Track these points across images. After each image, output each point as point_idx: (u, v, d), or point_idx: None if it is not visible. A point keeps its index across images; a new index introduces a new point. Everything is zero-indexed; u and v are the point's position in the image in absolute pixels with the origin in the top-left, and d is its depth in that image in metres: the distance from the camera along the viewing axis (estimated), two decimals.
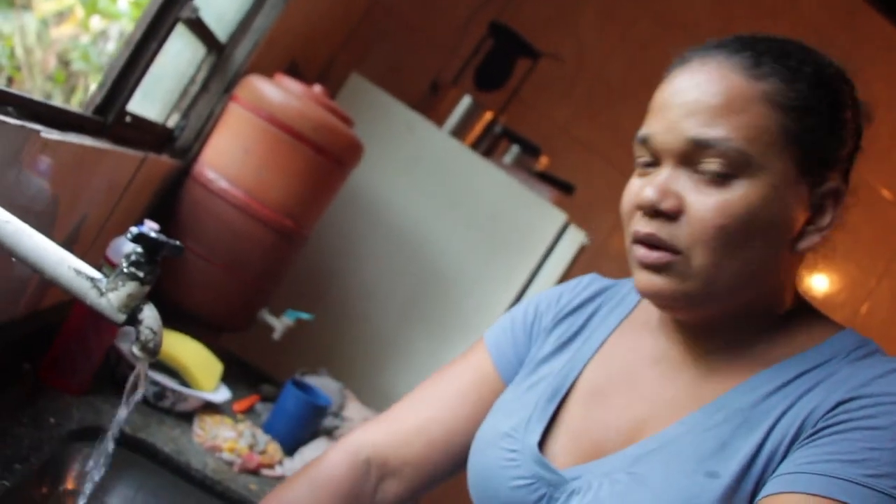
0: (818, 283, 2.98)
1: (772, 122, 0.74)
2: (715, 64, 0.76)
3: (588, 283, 0.99)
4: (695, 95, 0.75)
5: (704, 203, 0.74)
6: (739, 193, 0.73)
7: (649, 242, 0.76)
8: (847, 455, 0.67)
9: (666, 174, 0.76)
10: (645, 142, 0.79)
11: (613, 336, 0.91)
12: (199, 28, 1.44)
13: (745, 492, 0.71)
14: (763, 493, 0.70)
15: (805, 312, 0.83)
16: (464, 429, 0.95)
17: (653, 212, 0.76)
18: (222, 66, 1.64)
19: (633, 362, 0.87)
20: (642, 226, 0.77)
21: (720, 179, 0.74)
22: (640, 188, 0.78)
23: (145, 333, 0.77)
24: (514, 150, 2.33)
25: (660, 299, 0.79)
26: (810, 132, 0.75)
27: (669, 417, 0.79)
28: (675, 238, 0.75)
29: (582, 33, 2.83)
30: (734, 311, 0.80)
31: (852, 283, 3.00)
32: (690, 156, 0.75)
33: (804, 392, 0.74)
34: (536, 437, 0.84)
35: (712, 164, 0.74)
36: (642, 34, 2.83)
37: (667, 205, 0.75)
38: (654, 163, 0.79)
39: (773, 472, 0.71)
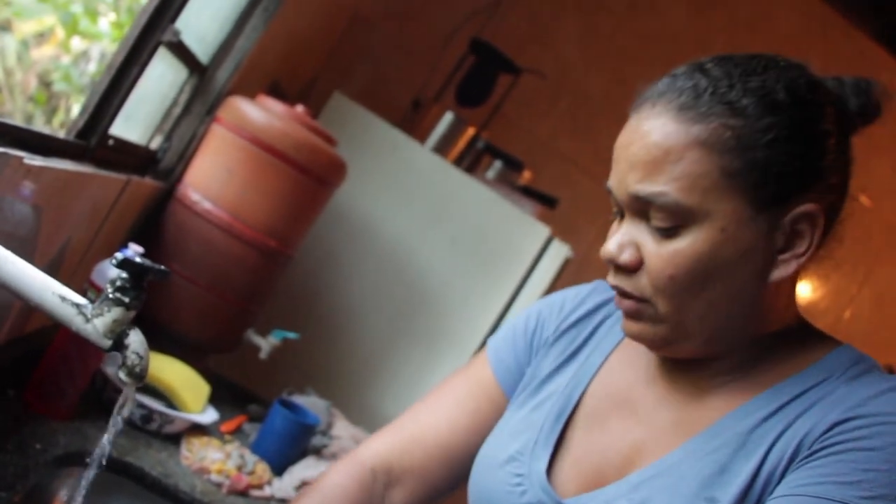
0: (801, 289, 3.01)
1: (710, 167, 0.72)
2: (657, 111, 0.76)
3: (591, 291, 0.98)
4: (635, 149, 0.75)
5: (657, 254, 0.75)
6: (687, 243, 0.74)
7: (620, 293, 0.79)
8: (841, 476, 0.67)
9: (626, 226, 0.78)
10: (609, 193, 0.80)
11: (616, 352, 0.91)
12: (180, 51, 1.45)
13: None
14: None
15: (802, 331, 0.82)
16: (461, 438, 0.95)
17: (615, 266, 0.78)
18: (204, 88, 1.65)
19: (632, 382, 0.87)
20: (611, 277, 0.80)
21: (668, 231, 0.74)
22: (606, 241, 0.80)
23: (132, 358, 0.77)
24: (497, 165, 2.34)
25: (642, 343, 0.81)
26: (759, 165, 0.72)
27: (668, 443, 0.79)
28: (639, 288, 0.77)
29: (562, 48, 2.86)
30: (723, 343, 0.79)
31: (835, 289, 3.03)
32: (639, 209, 0.76)
33: (800, 413, 0.74)
34: (544, 463, 0.84)
35: (656, 219, 0.75)
36: (622, 48, 2.86)
37: (624, 259, 0.77)
38: (622, 212, 0.80)
39: (771, 494, 0.71)
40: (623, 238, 0.77)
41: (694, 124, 0.73)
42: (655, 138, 0.74)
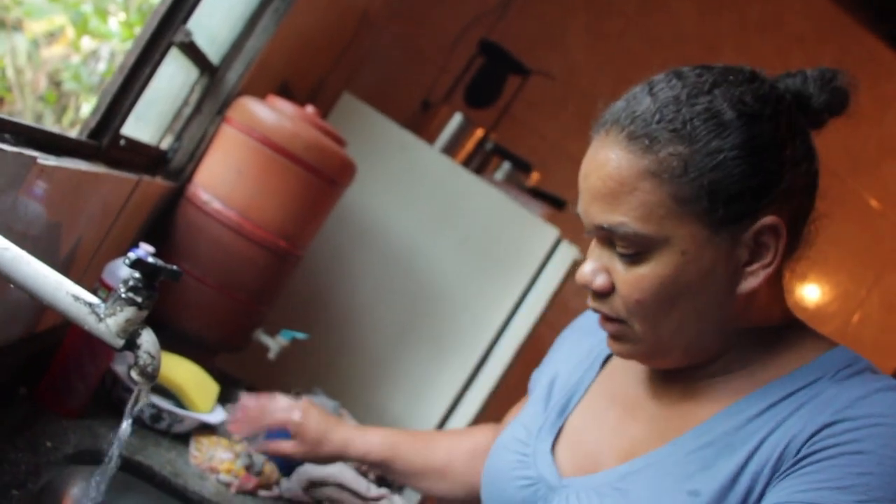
0: (810, 293, 3.00)
1: (662, 195, 0.75)
2: (610, 140, 0.78)
3: None
4: (593, 180, 0.78)
5: (624, 280, 0.78)
6: (650, 269, 0.76)
7: (601, 316, 0.83)
8: (834, 482, 0.68)
9: (597, 252, 0.81)
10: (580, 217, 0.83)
11: None
12: (192, 51, 1.45)
13: None
14: None
15: (796, 330, 0.83)
16: None
17: (591, 291, 0.82)
18: (215, 88, 1.65)
19: (631, 382, 0.91)
20: (590, 301, 0.83)
21: (633, 257, 0.77)
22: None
23: (144, 358, 0.78)
24: (506, 166, 2.34)
25: (628, 359, 0.86)
26: (708, 190, 0.74)
27: (659, 439, 0.82)
28: (614, 310, 0.81)
29: (571, 50, 2.86)
30: (704, 351, 0.82)
31: (843, 293, 3.02)
32: (605, 237, 0.79)
33: (789, 414, 0.75)
34: (547, 444, 0.90)
35: (620, 246, 0.78)
36: (630, 50, 2.86)
37: (597, 285, 0.80)
38: None
39: (759, 495, 0.72)
40: (595, 264, 0.81)
41: (644, 154, 0.75)
42: (609, 170, 0.76)
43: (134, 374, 0.78)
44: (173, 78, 1.55)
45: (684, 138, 0.74)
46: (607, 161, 0.77)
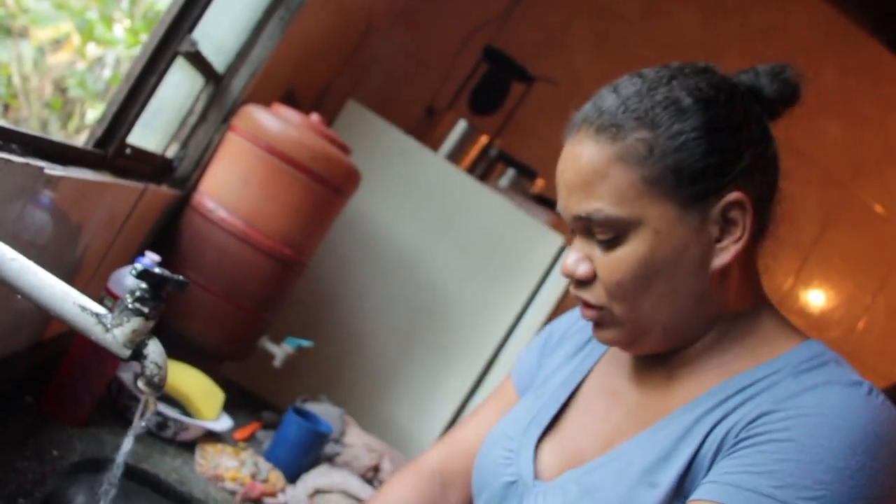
0: (815, 299, 3.00)
1: (632, 178, 0.80)
2: (581, 136, 0.83)
3: None
4: (569, 174, 0.84)
5: (604, 264, 0.83)
6: (628, 250, 0.81)
7: (583, 303, 0.87)
8: (757, 466, 0.72)
9: (578, 243, 0.86)
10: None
11: (609, 350, 0.98)
12: (197, 60, 1.46)
13: (681, 500, 0.76)
14: (689, 499, 0.75)
15: (771, 323, 0.86)
16: None
17: (574, 280, 0.86)
18: (220, 97, 1.66)
19: (618, 370, 0.94)
20: (573, 289, 0.87)
21: (610, 242, 0.82)
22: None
23: (150, 368, 0.78)
24: (510, 173, 2.34)
25: (611, 345, 0.89)
26: (673, 169, 0.79)
27: (638, 426, 0.85)
28: (596, 297, 0.85)
29: (575, 56, 2.86)
30: (683, 331, 0.85)
31: (848, 299, 3.01)
32: (584, 227, 0.84)
33: (741, 403, 0.78)
34: (532, 440, 0.92)
35: (598, 233, 0.82)
36: (634, 56, 2.86)
37: (580, 273, 0.85)
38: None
39: (702, 479, 0.76)
40: (577, 254, 0.85)
41: (612, 143, 0.81)
42: (583, 162, 0.82)
43: (141, 385, 0.78)
44: (179, 87, 1.55)
45: (647, 124, 0.80)
46: (580, 155, 0.82)
